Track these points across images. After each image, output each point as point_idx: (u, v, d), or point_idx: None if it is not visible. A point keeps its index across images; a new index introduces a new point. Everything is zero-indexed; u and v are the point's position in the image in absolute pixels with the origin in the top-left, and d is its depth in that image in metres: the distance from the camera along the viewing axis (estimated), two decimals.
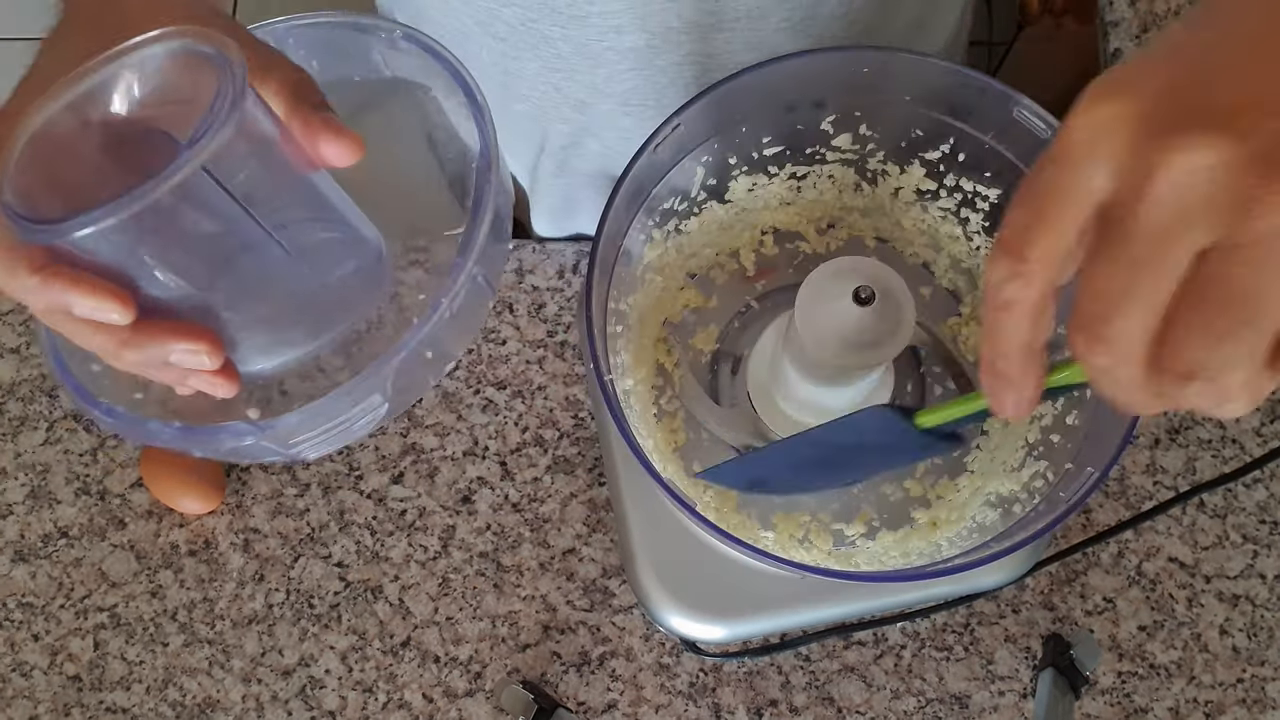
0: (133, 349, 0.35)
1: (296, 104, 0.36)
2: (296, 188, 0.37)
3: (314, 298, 0.40)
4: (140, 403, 0.42)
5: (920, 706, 0.68)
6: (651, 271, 0.58)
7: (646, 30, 0.61)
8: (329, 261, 0.40)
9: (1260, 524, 0.71)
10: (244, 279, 0.38)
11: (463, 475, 0.72)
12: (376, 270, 0.42)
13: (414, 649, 0.70)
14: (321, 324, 0.40)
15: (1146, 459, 0.72)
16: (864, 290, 0.47)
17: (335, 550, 0.72)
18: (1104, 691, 0.69)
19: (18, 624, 0.71)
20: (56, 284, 0.33)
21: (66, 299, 0.33)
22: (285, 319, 0.40)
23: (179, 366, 0.36)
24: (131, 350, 0.35)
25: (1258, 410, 0.73)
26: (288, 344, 0.40)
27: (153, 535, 0.72)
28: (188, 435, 0.39)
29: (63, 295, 0.33)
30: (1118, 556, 0.71)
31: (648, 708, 0.68)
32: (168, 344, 0.35)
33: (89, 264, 0.34)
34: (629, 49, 0.63)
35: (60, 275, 0.33)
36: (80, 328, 0.35)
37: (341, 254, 0.41)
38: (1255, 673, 0.69)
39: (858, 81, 0.54)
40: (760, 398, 0.58)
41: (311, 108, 0.37)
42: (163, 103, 0.35)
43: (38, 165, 0.34)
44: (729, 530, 0.47)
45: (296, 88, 0.37)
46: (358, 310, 0.41)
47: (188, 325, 0.36)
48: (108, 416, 0.40)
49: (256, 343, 0.39)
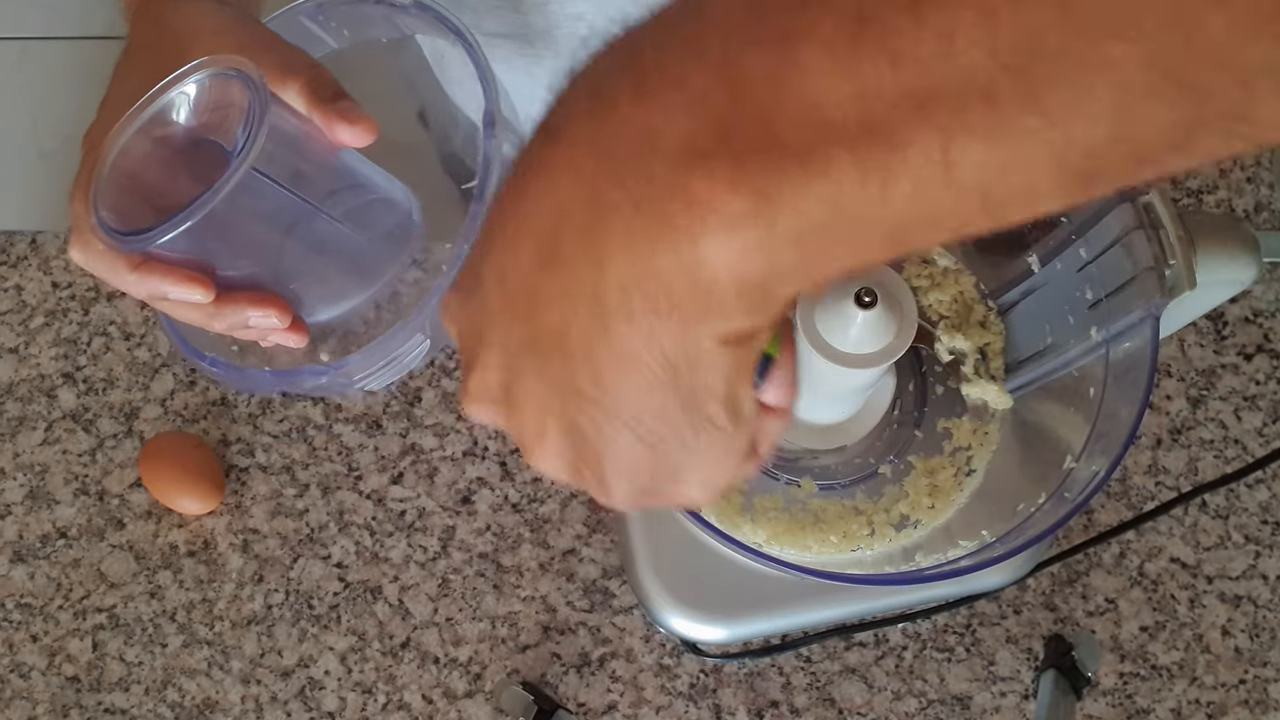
0: (219, 319, 0.43)
1: (315, 100, 0.43)
2: (329, 165, 0.45)
3: (361, 254, 0.48)
4: (236, 354, 0.50)
5: (922, 708, 0.68)
6: None
7: (605, 16, 0.62)
8: (370, 222, 0.47)
9: (1262, 524, 0.71)
10: (302, 249, 0.45)
11: (462, 476, 0.72)
12: (409, 223, 0.49)
13: (414, 650, 0.70)
14: (370, 275, 0.48)
15: (1148, 459, 0.72)
16: (866, 293, 0.47)
17: (335, 551, 0.71)
18: (1106, 692, 0.69)
19: (16, 625, 0.71)
20: (152, 278, 0.41)
21: (161, 288, 0.42)
22: (339, 276, 0.48)
23: (258, 327, 0.44)
24: (218, 320, 0.43)
25: (1259, 410, 0.73)
26: (344, 296, 0.48)
27: (152, 536, 0.72)
28: (278, 378, 0.48)
29: (158, 286, 0.41)
30: (1119, 557, 0.71)
31: (648, 709, 0.68)
32: (245, 311, 0.43)
33: (174, 257, 0.41)
34: (588, 36, 0.63)
35: (154, 269, 0.41)
36: (176, 306, 0.43)
37: (380, 214, 0.48)
38: (1257, 673, 0.69)
39: None
40: None
41: (329, 99, 0.43)
42: (208, 112, 0.43)
43: (119, 181, 0.42)
44: (729, 532, 0.47)
45: (313, 84, 0.43)
46: (399, 259, 0.48)
47: (259, 294, 0.44)
48: (213, 366, 0.47)
49: (319, 297, 0.47)
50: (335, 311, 0.48)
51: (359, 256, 0.48)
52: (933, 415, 0.59)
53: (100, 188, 0.41)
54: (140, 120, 0.42)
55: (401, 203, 0.49)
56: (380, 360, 0.45)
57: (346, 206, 0.46)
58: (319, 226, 0.45)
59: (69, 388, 0.75)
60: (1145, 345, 0.47)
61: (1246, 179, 0.78)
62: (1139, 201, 0.47)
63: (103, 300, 0.77)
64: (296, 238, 0.45)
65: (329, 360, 0.48)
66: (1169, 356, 0.74)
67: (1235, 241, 0.47)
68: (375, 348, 0.45)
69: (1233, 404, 0.73)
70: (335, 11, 0.52)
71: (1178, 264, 0.46)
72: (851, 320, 0.47)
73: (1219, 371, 0.74)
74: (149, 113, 0.42)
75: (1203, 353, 0.74)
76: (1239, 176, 0.78)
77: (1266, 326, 0.74)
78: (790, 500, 0.57)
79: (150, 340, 0.76)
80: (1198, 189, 0.78)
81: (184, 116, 0.43)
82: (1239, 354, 0.74)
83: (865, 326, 0.47)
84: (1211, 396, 0.73)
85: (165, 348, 0.75)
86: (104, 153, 0.42)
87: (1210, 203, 0.78)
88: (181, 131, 0.43)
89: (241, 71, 0.41)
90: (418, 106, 0.67)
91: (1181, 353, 0.74)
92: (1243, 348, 0.74)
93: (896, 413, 0.59)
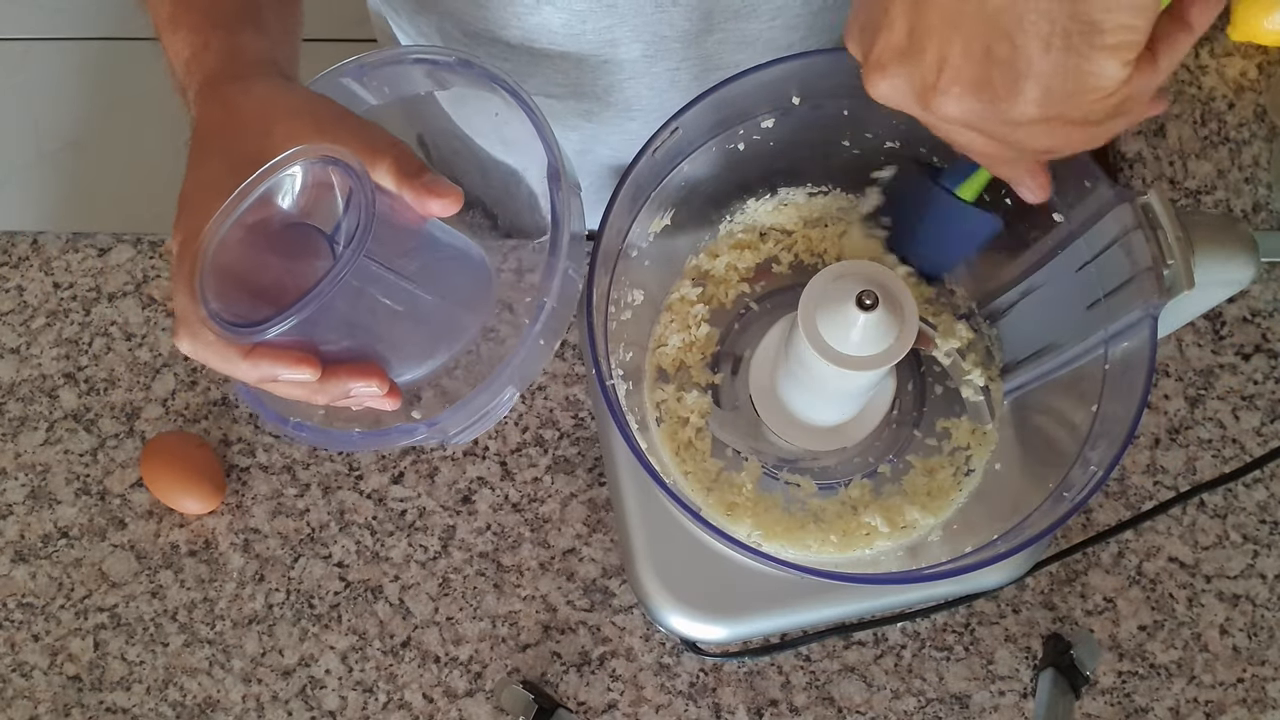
0: (323, 395, 0.45)
1: (403, 177, 0.45)
2: (415, 238, 0.46)
3: (445, 316, 0.49)
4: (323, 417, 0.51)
5: (920, 706, 0.68)
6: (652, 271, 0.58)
7: (640, 41, 0.62)
8: (451, 285, 0.49)
9: (1260, 524, 0.71)
10: (395, 321, 0.47)
11: (463, 475, 0.72)
12: (486, 280, 0.51)
13: (414, 649, 0.70)
14: (455, 334, 0.49)
15: (1147, 459, 0.72)
16: (868, 295, 0.47)
17: (335, 550, 0.72)
18: (1104, 691, 0.69)
19: (18, 624, 0.71)
20: (265, 363, 0.43)
21: (273, 372, 0.43)
22: (426, 339, 0.49)
23: (358, 396, 0.46)
24: (321, 395, 0.45)
25: (1257, 410, 0.73)
26: (431, 356, 0.49)
27: (153, 535, 0.72)
28: (369, 438, 0.50)
29: (270, 370, 0.43)
30: (1118, 556, 0.71)
31: (648, 708, 0.68)
32: (348, 384, 0.45)
33: (284, 341, 0.43)
34: (625, 60, 0.64)
35: (265, 355, 0.43)
36: (282, 386, 0.45)
37: (458, 276, 0.50)
38: (1255, 672, 0.69)
39: (855, 83, 0.54)
40: (762, 400, 0.58)
41: (416, 175, 0.45)
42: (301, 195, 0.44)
43: (221, 272, 0.43)
44: (728, 531, 0.47)
45: (400, 163, 0.45)
46: (479, 316, 0.50)
47: (360, 366, 0.45)
48: (301, 431, 0.49)
49: (410, 361, 0.49)
50: (421, 372, 0.49)
51: (443, 318, 0.49)
52: (932, 415, 0.59)
53: (205, 279, 0.43)
54: (240, 210, 0.43)
55: (477, 260, 0.51)
56: (474, 416, 0.47)
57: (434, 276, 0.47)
58: (412, 299, 0.46)
59: (70, 388, 0.75)
60: (1143, 345, 0.47)
61: (1245, 179, 0.78)
62: (1137, 202, 0.47)
63: (104, 301, 0.77)
64: (394, 311, 0.46)
65: (421, 418, 0.48)
66: (1167, 356, 0.74)
67: (1233, 241, 0.48)
68: (466, 404, 0.46)
69: (1231, 404, 0.73)
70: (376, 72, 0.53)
71: (1176, 264, 0.46)
72: (853, 323, 0.47)
73: (1217, 371, 0.74)
74: (248, 202, 0.43)
75: (1201, 352, 0.74)
76: (1237, 177, 0.78)
77: (1264, 326, 0.75)
78: (790, 500, 0.57)
79: (151, 340, 0.76)
80: (1196, 189, 0.78)
81: (287, 203, 0.44)
82: (1237, 354, 0.74)
83: (867, 329, 0.47)
84: (1209, 396, 0.73)
85: (166, 348, 0.76)
86: (205, 244, 0.43)
87: (1208, 203, 0.78)
88: (278, 217, 0.44)
89: (340, 160, 0.42)
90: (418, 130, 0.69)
91: (1180, 352, 0.74)
92: (1241, 347, 0.74)
93: (896, 413, 0.59)
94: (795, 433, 0.58)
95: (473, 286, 0.50)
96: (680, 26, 0.62)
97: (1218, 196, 0.78)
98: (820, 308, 0.48)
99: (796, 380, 0.54)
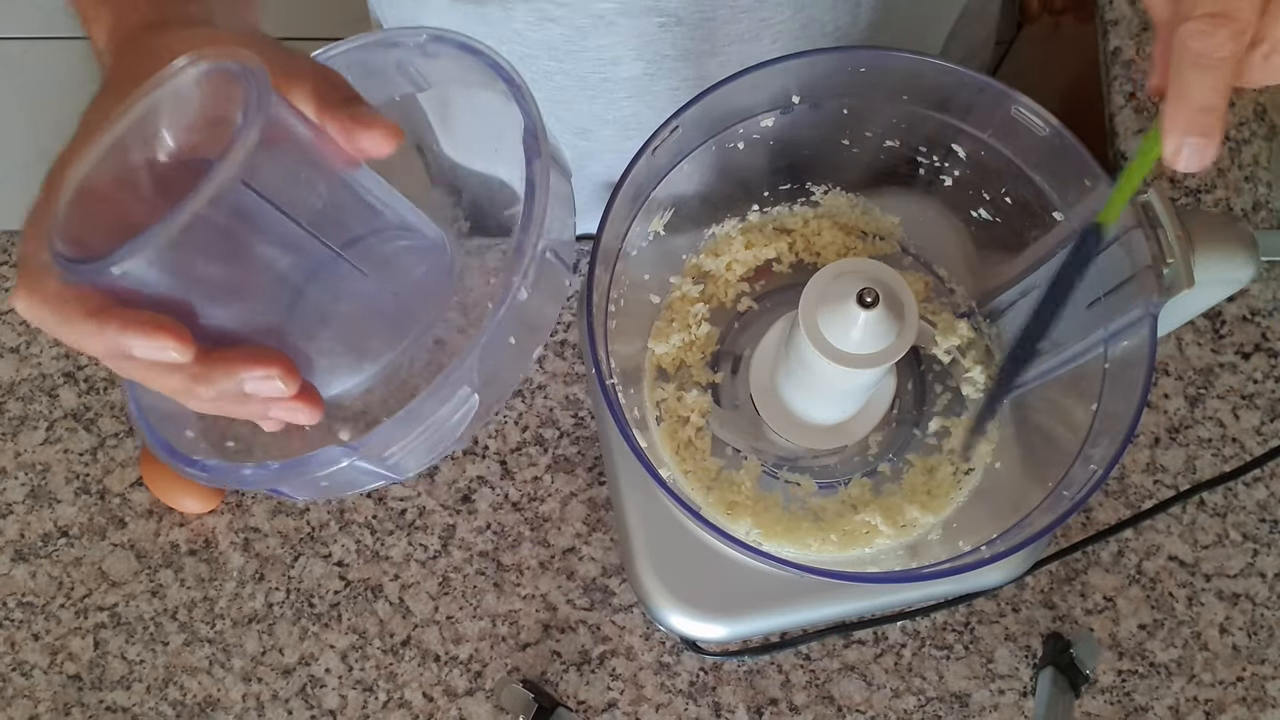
0: (204, 383, 0.34)
1: (326, 103, 0.35)
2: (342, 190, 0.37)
3: (386, 307, 0.39)
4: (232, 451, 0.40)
5: (920, 705, 0.68)
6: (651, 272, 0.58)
7: (643, 60, 0.62)
8: (399, 270, 0.39)
9: (1260, 523, 0.71)
10: (316, 301, 0.37)
11: (463, 474, 0.72)
12: (443, 270, 0.41)
13: (414, 648, 0.70)
14: (397, 332, 0.39)
15: (1146, 458, 0.72)
16: (868, 293, 0.47)
17: (335, 549, 0.72)
18: (1104, 690, 0.69)
19: (18, 623, 0.71)
20: (111, 326, 0.32)
21: (123, 341, 0.32)
22: (360, 333, 0.39)
23: (256, 397, 0.35)
24: (203, 385, 0.34)
25: (1257, 409, 0.73)
26: (366, 357, 0.39)
27: (153, 535, 0.72)
28: (282, 471, 0.37)
29: (118, 337, 0.32)
30: (1118, 555, 0.71)
31: (648, 706, 0.68)
32: (238, 372, 0.34)
33: (148, 301, 0.32)
34: (626, 79, 0.64)
35: (113, 316, 0.32)
36: (149, 371, 0.34)
37: (410, 260, 0.40)
38: (1255, 671, 0.69)
39: (854, 82, 0.54)
40: (762, 398, 0.58)
41: (341, 103, 0.36)
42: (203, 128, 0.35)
43: (92, 214, 0.33)
44: (728, 530, 0.47)
45: (323, 86, 0.36)
46: (430, 313, 0.40)
47: (256, 350, 0.34)
48: (203, 471, 0.38)
49: (335, 362, 0.38)
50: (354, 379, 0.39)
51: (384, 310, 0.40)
52: (932, 414, 0.59)
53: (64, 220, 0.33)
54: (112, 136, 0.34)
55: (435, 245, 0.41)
56: (417, 428, 0.35)
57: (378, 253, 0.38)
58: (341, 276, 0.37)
59: (70, 387, 0.75)
60: (1143, 344, 0.47)
61: (1245, 178, 0.78)
62: (1137, 200, 0.47)
63: None
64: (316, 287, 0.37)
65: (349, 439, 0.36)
66: (1167, 355, 0.74)
67: (1233, 240, 0.47)
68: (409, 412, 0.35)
69: (1230, 402, 0.73)
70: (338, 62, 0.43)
71: (1176, 263, 0.46)
72: (854, 321, 0.47)
73: (1217, 370, 0.74)
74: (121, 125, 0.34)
75: (1201, 351, 0.74)
76: (1237, 175, 0.78)
77: (1264, 325, 0.75)
78: (790, 498, 0.57)
79: None
80: (1196, 188, 0.78)
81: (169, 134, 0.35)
82: (1237, 353, 0.74)
83: (867, 327, 0.47)
84: (1209, 395, 0.73)
85: None
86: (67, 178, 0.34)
87: (1208, 201, 0.78)
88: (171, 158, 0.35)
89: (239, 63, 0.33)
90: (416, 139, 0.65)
91: (1179, 351, 0.74)
92: (1240, 346, 0.74)
93: (896, 411, 0.59)
94: (795, 431, 0.58)
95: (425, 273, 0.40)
96: (683, 46, 0.62)
97: (1218, 195, 0.78)
98: (821, 306, 0.48)
99: (797, 379, 0.54)
